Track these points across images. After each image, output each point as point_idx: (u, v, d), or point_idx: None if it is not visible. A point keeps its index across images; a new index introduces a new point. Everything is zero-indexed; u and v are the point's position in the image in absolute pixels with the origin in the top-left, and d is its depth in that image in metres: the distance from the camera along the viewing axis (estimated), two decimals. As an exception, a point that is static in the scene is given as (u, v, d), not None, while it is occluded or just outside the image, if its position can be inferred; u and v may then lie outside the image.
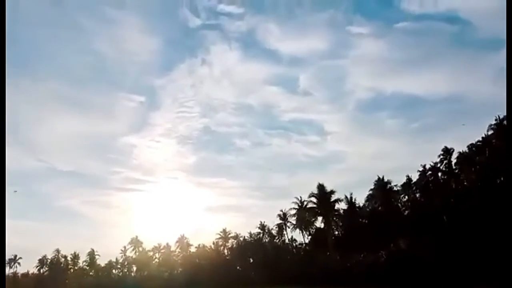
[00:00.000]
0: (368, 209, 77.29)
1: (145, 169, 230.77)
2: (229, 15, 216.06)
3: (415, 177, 71.55)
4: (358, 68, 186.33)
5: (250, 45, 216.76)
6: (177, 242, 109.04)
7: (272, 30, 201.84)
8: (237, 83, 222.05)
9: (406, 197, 74.45)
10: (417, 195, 73.05)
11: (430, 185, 69.64)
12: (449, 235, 54.02)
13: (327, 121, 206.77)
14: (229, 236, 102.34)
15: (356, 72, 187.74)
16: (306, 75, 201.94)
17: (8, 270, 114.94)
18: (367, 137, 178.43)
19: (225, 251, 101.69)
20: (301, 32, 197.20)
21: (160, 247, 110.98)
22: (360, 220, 77.37)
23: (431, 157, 69.54)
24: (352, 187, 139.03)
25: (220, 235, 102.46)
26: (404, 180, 73.04)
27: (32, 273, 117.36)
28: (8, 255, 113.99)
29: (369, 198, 77.25)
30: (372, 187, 76.13)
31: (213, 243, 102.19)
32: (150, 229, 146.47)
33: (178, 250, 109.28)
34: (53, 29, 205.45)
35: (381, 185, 74.77)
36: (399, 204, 75.07)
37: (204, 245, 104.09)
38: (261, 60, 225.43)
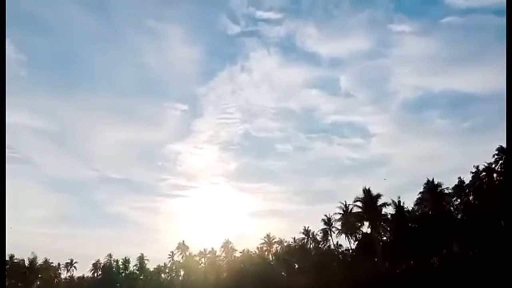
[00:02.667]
0: (417, 213, 73.89)
1: (189, 175, 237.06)
2: (267, 21, 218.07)
3: (467, 179, 67.64)
4: (402, 67, 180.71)
5: (289, 49, 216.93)
6: (222, 247, 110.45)
7: (311, 33, 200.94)
8: (276, 87, 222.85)
9: (459, 200, 70.51)
10: (470, 197, 68.99)
11: (485, 186, 65.56)
12: (507, 239, 50.45)
13: (371, 122, 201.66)
14: (273, 241, 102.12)
15: (400, 71, 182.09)
16: (347, 76, 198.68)
17: (65, 274, 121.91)
18: (414, 138, 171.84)
19: (270, 256, 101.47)
20: (341, 33, 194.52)
21: (205, 251, 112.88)
22: (410, 225, 74.06)
23: (485, 158, 65.55)
24: (400, 191, 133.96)
25: (264, 240, 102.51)
26: (455, 182, 69.32)
27: (87, 277, 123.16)
28: (65, 259, 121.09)
29: (418, 202, 73.83)
30: (422, 190, 72.78)
31: (257, 248, 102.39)
32: (195, 234, 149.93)
33: (223, 255, 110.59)
34: (102, 44, 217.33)
35: (431, 188, 71.26)
36: (451, 208, 71.19)
37: (248, 250, 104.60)
38: (300, 63, 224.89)
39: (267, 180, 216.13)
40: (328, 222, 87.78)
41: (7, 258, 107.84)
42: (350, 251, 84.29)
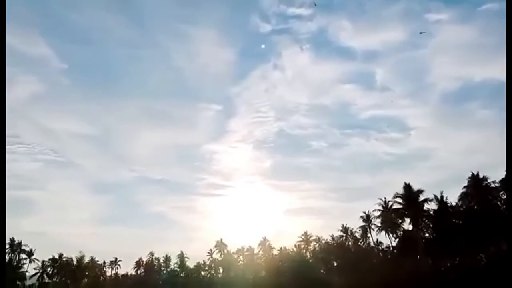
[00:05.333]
0: (462, 209, 70.64)
1: (225, 174, 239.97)
2: (299, 17, 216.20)
3: (516, 171, 63.89)
4: (440, 57, 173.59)
5: (322, 44, 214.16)
6: (259, 245, 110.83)
7: (344, 27, 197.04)
8: (310, 84, 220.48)
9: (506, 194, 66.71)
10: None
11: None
12: None
13: (409, 116, 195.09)
14: (311, 239, 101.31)
15: (439, 61, 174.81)
16: (383, 69, 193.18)
17: (110, 271, 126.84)
18: (455, 131, 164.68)
19: (307, 254, 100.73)
20: (375, 26, 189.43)
21: (243, 249, 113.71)
22: (454, 221, 70.94)
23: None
24: (442, 185, 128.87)
25: (301, 238, 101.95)
26: (502, 175, 65.62)
27: (131, 274, 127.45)
28: (110, 258, 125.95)
29: (462, 197, 70.55)
30: (466, 184, 69.56)
31: (295, 246, 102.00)
32: (232, 232, 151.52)
33: (260, 252, 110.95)
34: (137, 50, 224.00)
35: (476, 182, 67.93)
36: (498, 202, 67.49)
37: (286, 248, 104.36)
38: (334, 58, 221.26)
39: (302, 178, 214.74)
40: (367, 219, 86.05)
41: (56, 256, 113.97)
42: (391, 248, 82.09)
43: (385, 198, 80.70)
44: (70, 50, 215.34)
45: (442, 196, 72.82)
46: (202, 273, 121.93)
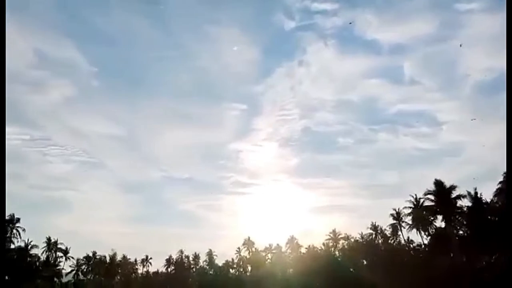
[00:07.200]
0: (497, 205, 68.07)
1: (251, 172, 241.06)
2: (323, 12, 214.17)
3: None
4: (471, 48, 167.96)
5: (347, 39, 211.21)
6: (287, 243, 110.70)
7: (370, 21, 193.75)
8: (335, 80, 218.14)
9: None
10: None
11: None
12: None
13: (439, 110, 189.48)
14: (339, 237, 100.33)
15: (470, 53, 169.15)
16: (411, 63, 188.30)
17: (141, 269, 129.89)
18: (489, 124, 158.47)
19: (336, 252, 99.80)
20: (402, 19, 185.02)
21: (271, 247, 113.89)
22: (489, 217, 68.61)
23: None
24: (475, 181, 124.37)
25: (329, 236, 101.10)
26: (542, 169, 62.73)
27: (161, 272, 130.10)
28: (140, 256, 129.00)
29: (498, 193, 67.92)
30: (501, 179, 66.96)
31: (323, 244, 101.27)
32: (259, 230, 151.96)
33: (288, 251, 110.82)
34: (161, 51, 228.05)
35: (512, 177, 65.29)
36: (538, 198, 64.62)
37: (314, 246, 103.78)
38: (360, 53, 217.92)
39: (329, 175, 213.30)
40: (397, 216, 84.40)
41: (90, 254, 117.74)
42: (423, 246, 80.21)
43: (415, 195, 79.00)
44: (98, 53, 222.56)
45: (476, 192, 70.47)
46: (231, 270, 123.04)
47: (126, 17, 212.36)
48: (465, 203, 71.31)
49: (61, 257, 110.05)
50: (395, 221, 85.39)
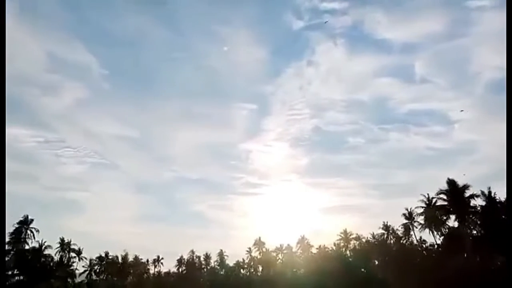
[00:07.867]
0: (512, 205, 67.07)
1: (261, 173, 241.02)
2: (332, 11, 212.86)
3: None
4: (483, 45, 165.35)
5: (357, 38, 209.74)
6: (298, 243, 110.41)
7: (380, 20, 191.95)
8: (345, 79, 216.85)
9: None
10: None
11: None
12: None
13: (452, 108, 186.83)
14: (350, 237, 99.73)
15: (482, 50, 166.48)
16: (422, 61, 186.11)
17: (153, 269, 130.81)
18: (502, 122, 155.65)
19: (347, 252, 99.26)
20: (412, 17, 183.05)
21: (282, 248, 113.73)
22: (503, 217, 67.59)
23: None
24: (489, 181, 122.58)
25: (340, 236, 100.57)
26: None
27: (173, 272, 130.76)
28: (152, 256, 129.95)
29: (512, 192, 66.95)
30: (516, 179, 65.86)
31: (334, 244, 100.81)
32: (270, 231, 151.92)
33: (299, 251, 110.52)
34: (172, 52, 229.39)
35: (527, 176, 64.19)
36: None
37: (325, 246, 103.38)
38: (370, 52, 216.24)
39: (340, 175, 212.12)
40: (409, 216, 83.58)
41: (103, 254, 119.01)
42: (436, 246, 79.32)
43: (428, 194, 78.18)
44: (109, 55, 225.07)
45: (490, 192, 69.54)
46: (242, 271, 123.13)
47: (135, 18, 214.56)
48: (478, 202, 70.53)
49: (74, 257, 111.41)
50: (407, 221, 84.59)
